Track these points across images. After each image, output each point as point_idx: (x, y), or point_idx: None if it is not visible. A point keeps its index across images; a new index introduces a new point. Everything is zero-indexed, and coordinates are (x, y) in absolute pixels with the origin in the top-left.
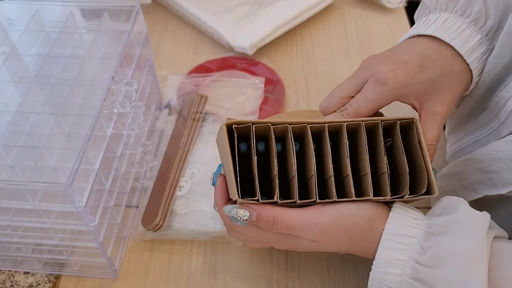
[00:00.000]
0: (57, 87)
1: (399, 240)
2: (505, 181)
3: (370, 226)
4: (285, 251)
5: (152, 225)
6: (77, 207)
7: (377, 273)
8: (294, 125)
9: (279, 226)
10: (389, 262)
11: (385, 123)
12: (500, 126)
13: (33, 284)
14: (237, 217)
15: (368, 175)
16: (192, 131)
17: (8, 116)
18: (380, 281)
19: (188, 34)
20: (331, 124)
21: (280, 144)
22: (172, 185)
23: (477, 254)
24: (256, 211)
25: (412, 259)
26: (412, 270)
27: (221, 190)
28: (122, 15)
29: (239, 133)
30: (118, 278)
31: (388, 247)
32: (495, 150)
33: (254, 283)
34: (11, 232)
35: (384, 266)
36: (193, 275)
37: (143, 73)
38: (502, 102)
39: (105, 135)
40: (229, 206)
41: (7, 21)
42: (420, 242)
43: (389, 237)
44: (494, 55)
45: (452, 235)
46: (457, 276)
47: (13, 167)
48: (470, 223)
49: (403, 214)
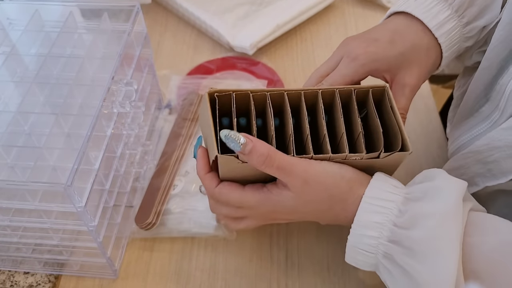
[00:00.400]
0: (57, 87)
1: (378, 204)
2: (504, 170)
3: (350, 188)
4: (285, 251)
5: (145, 223)
6: (77, 207)
7: (355, 236)
8: (273, 92)
9: (271, 163)
10: (367, 224)
11: (358, 92)
12: (500, 116)
13: (33, 284)
14: (234, 137)
15: (344, 134)
16: (190, 130)
17: (8, 116)
18: (357, 244)
19: (188, 34)
20: (308, 97)
21: (261, 120)
22: (167, 184)
23: (450, 215)
24: (252, 142)
25: (390, 221)
26: (389, 233)
27: (203, 160)
28: (122, 15)
29: (222, 107)
30: (118, 278)
31: (368, 210)
32: (493, 139)
33: (254, 282)
34: (11, 232)
35: (362, 229)
36: (193, 274)
37: (143, 73)
38: (502, 89)
39: (105, 135)
40: (226, 130)
41: (7, 21)
42: (398, 206)
43: (369, 200)
44: (501, 39)
45: (429, 199)
46: (429, 235)
47: (13, 167)
48: (446, 187)
49: (384, 182)
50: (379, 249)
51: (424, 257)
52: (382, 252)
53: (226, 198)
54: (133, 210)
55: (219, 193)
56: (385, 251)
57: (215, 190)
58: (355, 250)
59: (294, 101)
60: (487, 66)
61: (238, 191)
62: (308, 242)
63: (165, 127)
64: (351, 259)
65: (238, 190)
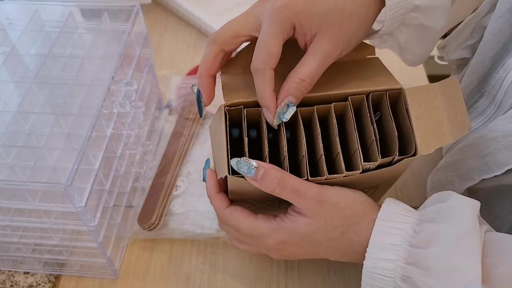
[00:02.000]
0: (57, 87)
1: (392, 225)
2: (499, 162)
3: (363, 211)
4: None
5: (148, 224)
6: (77, 207)
7: (370, 261)
8: None
9: (285, 186)
10: (383, 247)
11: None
12: (496, 111)
13: (33, 284)
14: (247, 161)
15: (358, 150)
16: (192, 131)
17: (8, 116)
18: (374, 269)
19: (188, 34)
20: (320, 112)
21: (272, 133)
22: (169, 185)
23: (467, 232)
24: (264, 168)
25: (406, 242)
26: (406, 254)
27: (212, 180)
28: (122, 15)
29: (231, 118)
30: (118, 278)
31: (382, 231)
32: (490, 130)
33: (254, 283)
34: (11, 232)
35: (378, 251)
36: (193, 275)
37: (143, 73)
38: (498, 84)
39: (105, 135)
40: (235, 158)
41: (7, 21)
42: (413, 227)
43: (383, 222)
44: (494, 32)
45: (443, 218)
46: (447, 252)
47: (13, 167)
48: (460, 207)
49: (395, 205)
50: (397, 272)
51: (443, 275)
52: (400, 276)
53: (236, 223)
54: (133, 210)
55: (230, 216)
56: (403, 273)
57: (226, 212)
58: (372, 277)
59: (306, 114)
60: (480, 60)
61: (250, 219)
62: None
63: (166, 127)
64: (366, 284)
65: (250, 218)
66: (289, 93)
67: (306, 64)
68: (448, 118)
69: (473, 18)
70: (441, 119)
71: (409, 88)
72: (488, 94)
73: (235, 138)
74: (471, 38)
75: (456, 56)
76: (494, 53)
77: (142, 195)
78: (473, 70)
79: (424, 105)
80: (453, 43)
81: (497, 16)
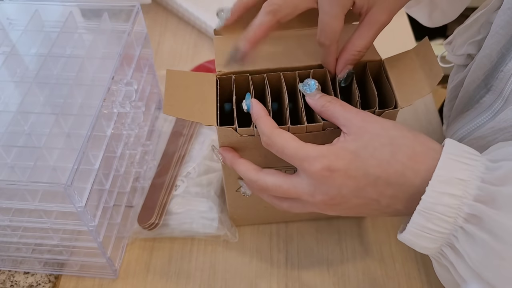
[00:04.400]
0: (57, 87)
1: (461, 160)
2: None
3: (414, 135)
4: (285, 251)
5: (148, 223)
6: (77, 207)
7: (432, 196)
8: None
9: (335, 100)
10: (450, 181)
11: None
12: (503, 105)
13: (33, 284)
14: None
15: (358, 103)
16: (191, 130)
17: (8, 116)
18: (433, 207)
19: (188, 34)
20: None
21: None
22: (169, 184)
23: None
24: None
25: (477, 178)
26: (477, 191)
27: (258, 105)
28: (122, 15)
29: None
30: (118, 278)
31: (449, 164)
32: (498, 121)
33: (254, 283)
34: (11, 232)
35: (444, 185)
36: (193, 274)
37: (143, 73)
38: (506, 78)
39: (105, 135)
40: None
41: (7, 21)
42: (485, 164)
43: (450, 156)
44: (502, 25)
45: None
46: None
47: (13, 167)
48: None
49: (459, 143)
50: (461, 211)
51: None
52: (464, 215)
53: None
54: (133, 210)
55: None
56: (470, 212)
57: (275, 131)
58: (427, 216)
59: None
60: (487, 54)
61: (298, 141)
62: (308, 242)
63: (165, 127)
64: (414, 228)
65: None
66: (347, 63)
67: (362, 36)
68: (424, 74)
69: (482, 14)
70: (418, 76)
71: (387, 58)
72: (495, 88)
73: (227, 112)
74: (478, 34)
75: (462, 51)
76: (501, 46)
77: (142, 195)
78: (479, 64)
79: (402, 69)
80: (459, 39)
81: (505, 8)
